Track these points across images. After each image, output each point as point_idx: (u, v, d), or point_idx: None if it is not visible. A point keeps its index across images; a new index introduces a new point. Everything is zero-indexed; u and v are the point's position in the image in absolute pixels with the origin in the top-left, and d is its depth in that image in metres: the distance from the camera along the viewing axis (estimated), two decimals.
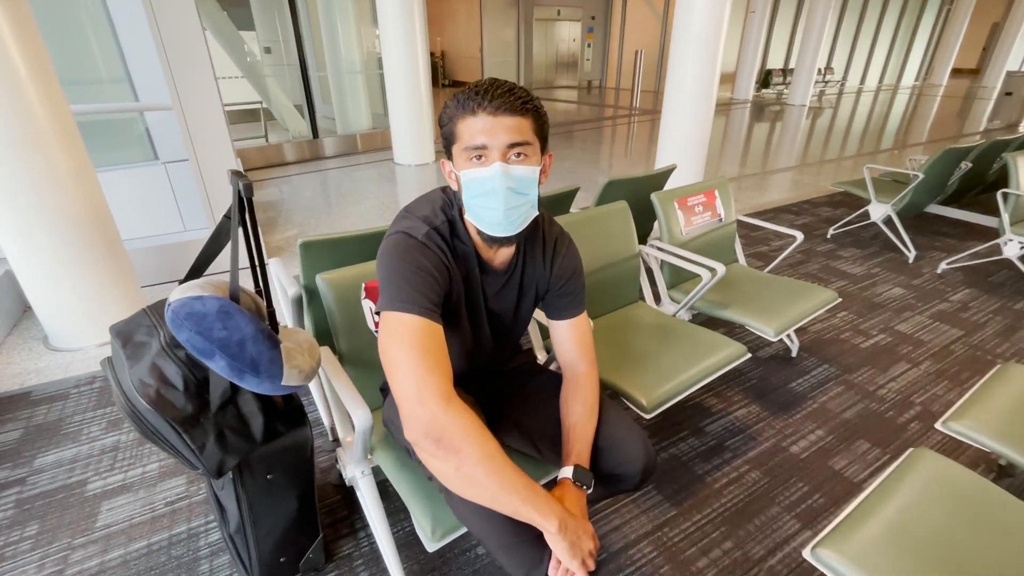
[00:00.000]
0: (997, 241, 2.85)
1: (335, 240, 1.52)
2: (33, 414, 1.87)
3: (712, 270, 1.75)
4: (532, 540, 0.84)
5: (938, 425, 1.31)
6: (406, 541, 1.38)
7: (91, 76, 2.88)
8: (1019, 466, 1.20)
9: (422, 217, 0.93)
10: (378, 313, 0.88)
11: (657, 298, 2.04)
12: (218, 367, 0.86)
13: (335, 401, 1.28)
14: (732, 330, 2.34)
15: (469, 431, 0.78)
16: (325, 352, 1.24)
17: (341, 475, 1.52)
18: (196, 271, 1.10)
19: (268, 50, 7.08)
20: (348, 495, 1.53)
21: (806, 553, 0.99)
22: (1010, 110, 8.09)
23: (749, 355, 1.59)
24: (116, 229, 2.27)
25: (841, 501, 1.53)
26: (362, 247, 1.57)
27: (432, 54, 12.40)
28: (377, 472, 1.25)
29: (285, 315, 1.59)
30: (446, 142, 0.89)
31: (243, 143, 5.87)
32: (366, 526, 1.43)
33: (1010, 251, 2.76)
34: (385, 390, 1.19)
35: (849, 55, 13.50)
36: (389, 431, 1.09)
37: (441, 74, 14.22)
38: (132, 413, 0.90)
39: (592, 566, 0.83)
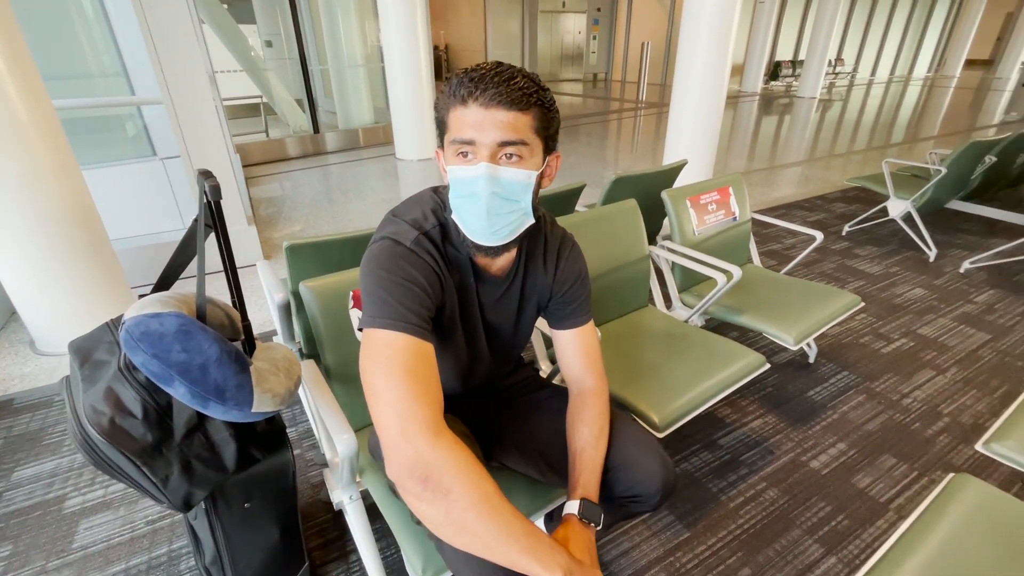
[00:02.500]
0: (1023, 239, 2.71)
1: (323, 243, 1.42)
2: (14, 423, 1.79)
3: (728, 273, 1.64)
4: None
5: (979, 447, 1.20)
6: (398, 567, 1.29)
7: (86, 71, 2.80)
8: None
9: (410, 221, 0.83)
10: (360, 330, 0.78)
11: (668, 302, 1.93)
12: (178, 394, 0.76)
13: (318, 419, 1.19)
14: (744, 334, 2.23)
15: (461, 469, 0.68)
16: (310, 367, 1.15)
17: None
18: (164, 283, 1.00)
19: (269, 44, 6.99)
20: (339, 515, 1.43)
21: None
22: None
23: (768, 366, 1.48)
24: (103, 228, 2.18)
25: (867, 523, 1.42)
26: (353, 250, 1.47)
27: (436, 47, 12.25)
28: (366, 495, 1.15)
29: (275, 321, 1.50)
30: (438, 130, 0.79)
31: (243, 138, 5.78)
32: (356, 550, 1.33)
33: None
34: None
35: (860, 46, 13.23)
36: (375, 461, 1.00)
37: (445, 68, 14.06)
38: (84, 443, 0.80)
39: None
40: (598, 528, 0.84)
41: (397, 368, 0.70)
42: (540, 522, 1.18)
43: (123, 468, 0.81)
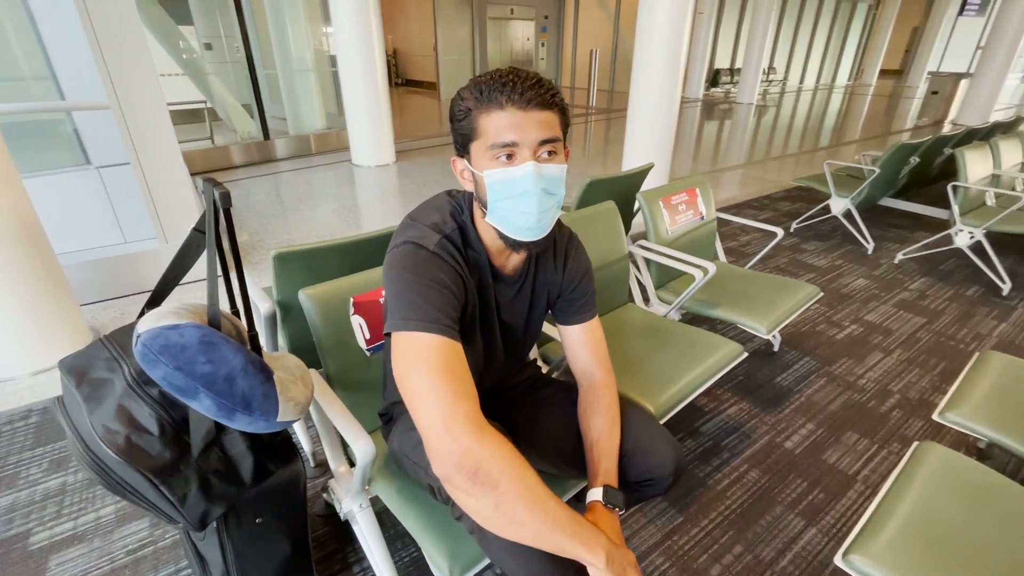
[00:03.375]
0: (948, 231, 3.01)
1: (311, 251, 1.39)
2: None
3: (704, 269, 1.73)
4: None
5: (935, 417, 1.33)
6: (405, 573, 1.28)
7: (5, 74, 2.58)
8: (1015, 452, 1.23)
9: (431, 225, 0.84)
10: (387, 335, 0.78)
11: (646, 299, 2.01)
12: (203, 407, 0.74)
13: (326, 429, 1.16)
14: (714, 327, 2.34)
15: (508, 462, 0.70)
16: (315, 376, 1.13)
17: (327, 505, 1.40)
18: (161, 293, 0.96)
19: (209, 46, 6.68)
20: (338, 527, 1.40)
21: (837, 560, 0.97)
22: (936, 108, 8.69)
23: (746, 354, 1.58)
24: (48, 242, 2.03)
25: (839, 495, 1.54)
26: (341, 257, 1.45)
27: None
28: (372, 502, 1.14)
29: (260, 333, 1.45)
30: (462, 139, 0.80)
31: (186, 145, 5.48)
32: (361, 559, 1.31)
33: (961, 241, 2.92)
34: (387, 416, 1.09)
35: (789, 56, 14.15)
36: (400, 465, 0.99)
37: (394, 73, 13.90)
38: (94, 465, 0.76)
39: None
40: (622, 512, 0.88)
41: (436, 368, 0.71)
42: None
43: (137, 488, 0.77)
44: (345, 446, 1.22)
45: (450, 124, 0.83)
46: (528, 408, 1.11)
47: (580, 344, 1.03)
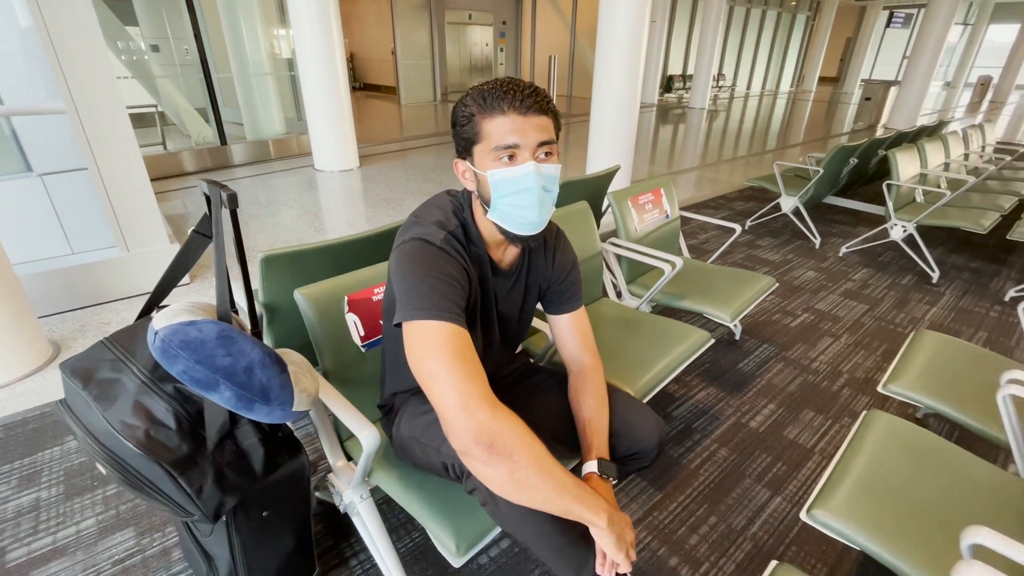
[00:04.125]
0: (885, 226, 3.28)
1: (299, 252, 1.41)
2: None
3: (671, 263, 1.85)
4: (578, 539, 0.84)
5: (880, 388, 1.49)
6: (405, 561, 1.32)
7: None
8: (948, 417, 1.39)
9: (435, 222, 0.90)
10: (398, 325, 0.83)
11: (618, 294, 2.12)
12: (223, 399, 0.77)
13: (323, 424, 1.19)
14: (680, 317, 2.48)
15: (519, 434, 0.77)
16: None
17: (320, 503, 1.42)
18: (160, 294, 0.98)
19: (156, 48, 6.43)
20: (333, 522, 1.43)
21: (803, 516, 1.08)
22: (870, 113, 9.35)
23: (713, 341, 1.70)
24: (3, 253, 1.95)
25: (799, 466, 1.68)
26: (328, 259, 1.48)
27: None
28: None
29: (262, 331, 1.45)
30: (465, 143, 0.87)
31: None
32: (358, 553, 1.34)
33: (896, 234, 3.20)
34: (387, 407, 1.13)
35: (736, 63, 14.86)
36: (407, 451, 1.04)
37: (351, 77, 13.72)
38: (112, 460, 0.78)
39: (635, 556, 0.85)
40: (615, 481, 0.96)
41: (450, 352, 0.77)
42: None
43: (155, 482, 0.79)
44: (342, 441, 1.25)
45: (452, 128, 0.89)
46: (521, 394, 1.18)
47: (569, 332, 1.11)
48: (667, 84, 13.04)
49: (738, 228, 2.27)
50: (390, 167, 5.61)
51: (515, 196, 0.85)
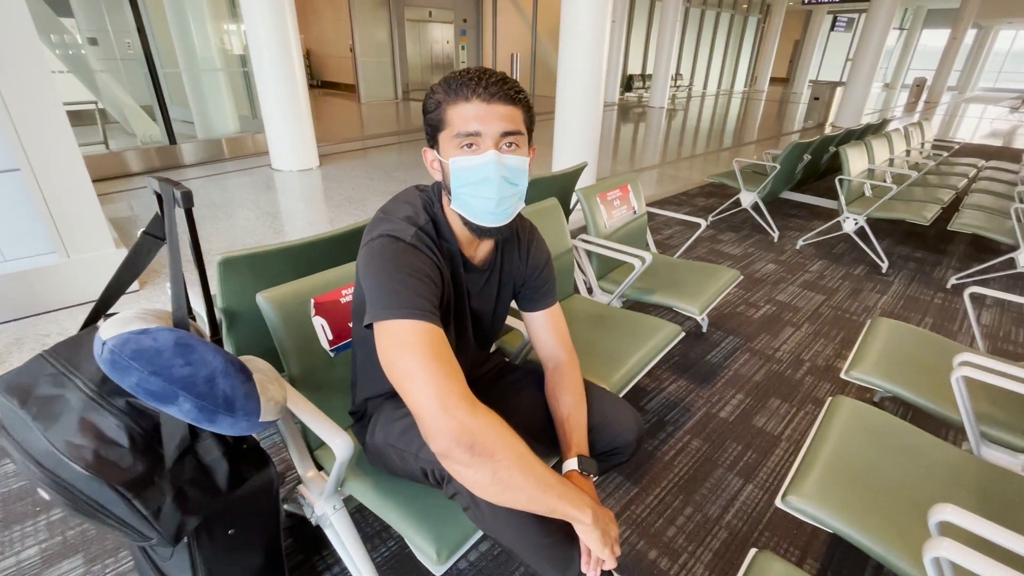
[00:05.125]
0: (838, 219, 3.42)
1: (259, 254, 1.35)
2: None
3: (641, 259, 1.86)
4: (563, 539, 0.83)
5: (843, 375, 1.54)
6: (381, 572, 1.28)
7: None
8: (904, 399, 1.46)
9: (404, 218, 0.86)
10: (368, 326, 0.79)
11: (590, 290, 2.12)
12: (182, 412, 0.71)
13: (291, 434, 1.14)
14: (648, 311, 2.51)
15: (500, 433, 0.74)
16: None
17: (290, 515, 1.36)
18: (107, 301, 0.91)
19: (94, 41, 6.06)
20: (304, 536, 1.36)
21: (778, 503, 1.10)
22: (819, 112, 9.78)
23: (683, 334, 1.72)
24: None
25: (768, 453, 1.73)
26: (289, 260, 1.42)
27: None
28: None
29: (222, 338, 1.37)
30: (431, 129, 0.85)
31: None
32: (332, 566, 1.29)
33: (848, 227, 3.34)
34: (359, 413, 1.09)
35: (693, 63, 15.26)
36: (382, 458, 0.99)
37: (308, 74, 13.33)
38: (55, 484, 0.71)
39: (619, 551, 0.84)
40: (595, 478, 0.95)
41: (425, 351, 0.74)
42: None
43: (106, 506, 0.73)
44: (311, 450, 1.19)
45: (423, 116, 0.86)
46: (497, 393, 1.15)
47: (545, 329, 1.09)
48: (627, 83, 13.25)
49: (703, 223, 2.32)
50: (351, 166, 5.47)
51: (475, 186, 0.83)
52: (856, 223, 3.29)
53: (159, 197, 0.84)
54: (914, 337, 1.71)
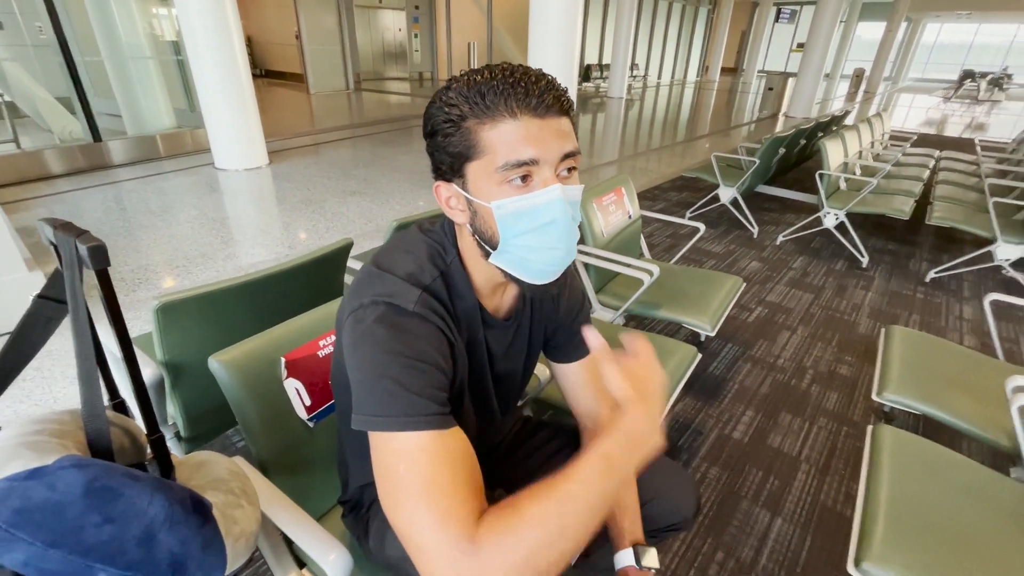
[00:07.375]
0: (819, 214, 3.39)
1: (207, 295, 1.09)
2: None
3: (649, 272, 1.69)
4: None
5: (875, 397, 1.43)
6: None
7: None
8: (945, 423, 1.35)
9: (406, 276, 0.63)
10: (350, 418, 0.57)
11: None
12: None
13: (272, 542, 0.89)
14: (650, 326, 2.37)
15: (512, 526, 0.50)
16: (244, 467, 0.85)
17: None
18: None
19: None
20: None
21: (850, 569, 0.96)
22: (773, 102, 10.00)
23: (700, 356, 1.57)
24: None
25: (790, 479, 1.61)
26: (245, 299, 1.17)
27: None
28: None
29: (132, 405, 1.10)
30: (453, 159, 0.61)
31: None
32: None
33: (828, 222, 3.31)
34: (352, 503, 0.85)
35: (648, 53, 15.32)
36: (397, 571, 0.77)
37: (251, 63, 12.50)
38: None
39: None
40: (656, 569, 0.77)
41: (418, 481, 0.51)
42: None
43: None
44: (289, 543, 0.95)
45: (429, 138, 0.63)
46: (521, 461, 0.95)
47: (582, 383, 0.89)
48: (585, 73, 13.16)
49: (702, 227, 2.18)
50: (305, 164, 5.07)
51: (536, 234, 0.61)
52: (837, 218, 3.26)
53: (56, 251, 0.57)
54: (933, 349, 1.63)
